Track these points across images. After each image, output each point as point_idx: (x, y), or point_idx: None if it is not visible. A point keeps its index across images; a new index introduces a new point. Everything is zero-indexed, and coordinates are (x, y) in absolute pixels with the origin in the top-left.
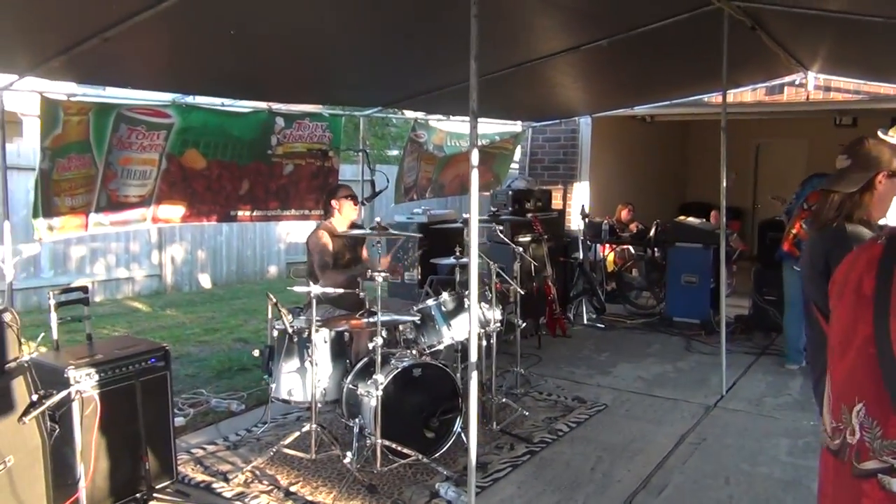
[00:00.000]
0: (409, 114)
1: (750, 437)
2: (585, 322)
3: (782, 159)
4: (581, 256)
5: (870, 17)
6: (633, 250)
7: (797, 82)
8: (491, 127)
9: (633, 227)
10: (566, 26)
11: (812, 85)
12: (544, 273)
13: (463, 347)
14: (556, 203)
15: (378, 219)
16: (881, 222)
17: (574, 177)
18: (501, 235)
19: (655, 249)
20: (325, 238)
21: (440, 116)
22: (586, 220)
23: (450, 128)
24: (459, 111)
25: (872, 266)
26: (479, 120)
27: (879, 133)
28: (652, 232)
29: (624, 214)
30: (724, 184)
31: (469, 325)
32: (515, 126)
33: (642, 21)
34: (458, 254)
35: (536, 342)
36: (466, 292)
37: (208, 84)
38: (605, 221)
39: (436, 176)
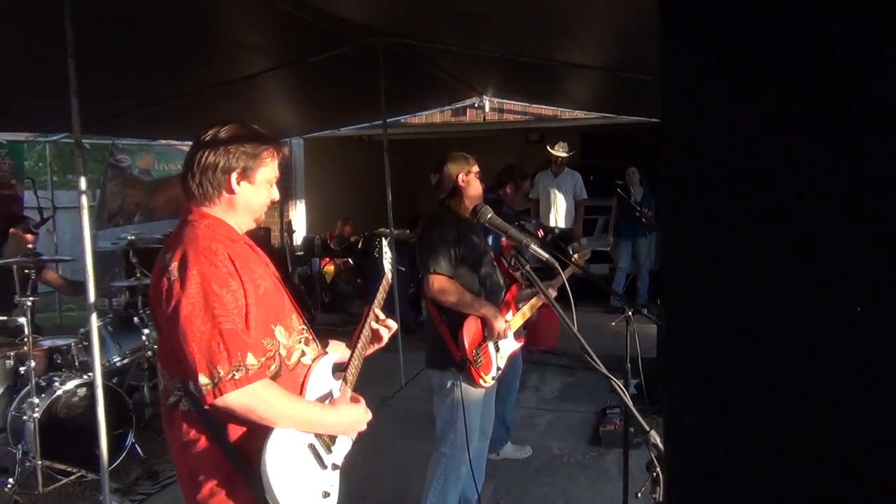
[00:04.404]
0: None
1: None
2: None
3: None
4: (290, 270)
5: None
6: (352, 262)
7: (476, 105)
8: None
9: (354, 240)
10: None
11: (488, 107)
12: None
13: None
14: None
15: None
16: None
17: (290, 196)
18: None
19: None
20: None
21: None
22: (292, 235)
23: (159, 151)
24: (164, 135)
25: None
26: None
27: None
28: (360, 244)
29: (347, 229)
30: (390, 198)
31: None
32: None
33: (312, 53)
34: (137, 275)
35: None
36: (141, 311)
37: None
38: (317, 237)
39: (146, 201)
